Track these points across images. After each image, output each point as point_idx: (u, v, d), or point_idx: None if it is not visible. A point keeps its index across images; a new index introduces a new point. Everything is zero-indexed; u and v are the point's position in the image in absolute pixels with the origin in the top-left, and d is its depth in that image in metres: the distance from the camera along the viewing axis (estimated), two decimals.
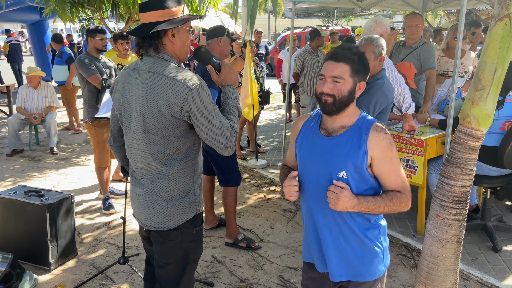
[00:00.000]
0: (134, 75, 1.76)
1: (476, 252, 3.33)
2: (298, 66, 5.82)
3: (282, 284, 2.95)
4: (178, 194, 1.80)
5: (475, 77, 1.92)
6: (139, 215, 1.87)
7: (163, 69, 1.69)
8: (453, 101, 3.03)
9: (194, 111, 1.67)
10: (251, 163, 5.52)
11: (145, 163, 1.78)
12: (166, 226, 1.81)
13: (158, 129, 1.69)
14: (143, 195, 1.82)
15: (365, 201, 1.56)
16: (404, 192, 1.62)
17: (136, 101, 1.72)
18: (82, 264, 3.21)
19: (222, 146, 1.75)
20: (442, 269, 2.02)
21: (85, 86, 3.91)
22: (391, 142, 1.61)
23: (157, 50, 1.73)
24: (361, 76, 1.63)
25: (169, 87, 1.65)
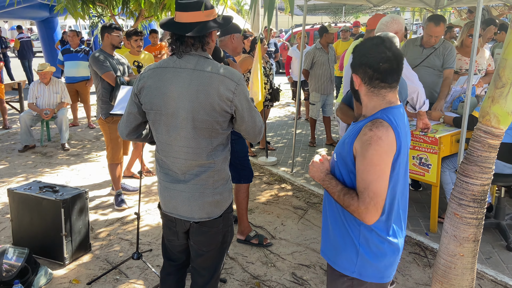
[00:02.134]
0: (175, 74, 1.78)
1: (490, 251, 3.31)
2: (308, 63, 5.82)
3: (295, 281, 2.96)
4: (222, 182, 1.91)
5: (495, 75, 1.91)
6: (185, 210, 1.89)
7: (210, 67, 1.77)
8: (468, 98, 3.01)
9: (242, 103, 1.80)
10: (261, 160, 5.53)
11: (189, 159, 1.83)
12: (214, 215, 1.91)
13: (208, 124, 1.78)
14: (187, 190, 1.87)
15: (327, 182, 1.62)
16: (360, 197, 1.48)
17: (183, 99, 1.75)
18: (96, 259, 3.24)
19: (257, 133, 1.91)
20: (459, 267, 2.01)
21: (98, 83, 3.92)
22: (372, 141, 1.48)
23: (204, 48, 1.81)
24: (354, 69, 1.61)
25: (220, 83, 1.75)
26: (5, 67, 11.62)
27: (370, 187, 1.47)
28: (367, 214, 1.47)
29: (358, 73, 1.60)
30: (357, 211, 1.49)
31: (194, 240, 1.96)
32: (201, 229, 1.92)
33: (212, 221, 1.91)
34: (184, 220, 1.92)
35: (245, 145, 3.38)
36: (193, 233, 1.95)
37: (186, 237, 2.00)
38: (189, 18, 1.76)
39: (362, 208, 1.47)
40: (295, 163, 5.45)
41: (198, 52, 1.80)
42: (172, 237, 2.04)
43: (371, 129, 1.49)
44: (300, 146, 6.24)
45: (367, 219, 1.48)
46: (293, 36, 14.83)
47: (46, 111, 6.04)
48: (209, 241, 1.95)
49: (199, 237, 1.94)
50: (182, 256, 2.11)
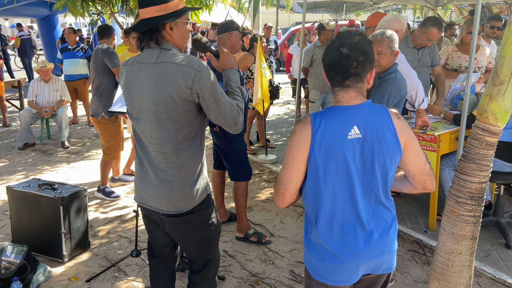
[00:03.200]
0: (138, 69, 1.83)
1: (489, 249, 3.31)
2: (307, 61, 5.80)
3: (293, 278, 2.96)
4: (191, 179, 1.89)
5: (493, 72, 1.90)
6: (153, 202, 1.92)
7: (169, 58, 1.78)
8: (467, 96, 3.00)
9: (203, 91, 1.77)
10: (260, 158, 5.53)
11: (157, 150, 1.85)
12: (182, 210, 1.90)
13: (170, 115, 1.78)
14: (156, 184, 1.88)
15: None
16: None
17: (146, 92, 1.79)
18: (95, 257, 3.25)
19: (230, 123, 1.86)
20: (457, 265, 2.01)
21: (103, 79, 3.91)
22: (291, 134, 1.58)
23: (158, 43, 1.82)
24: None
25: (177, 72, 1.74)
26: (5, 65, 11.61)
27: (279, 174, 1.60)
28: (275, 197, 1.61)
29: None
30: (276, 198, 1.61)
31: (174, 237, 2.02)
32: (176, 227, 1.94)
33: (185, 217, 1.91)
34: (154, 211, 1.95)
35: (244, 143, 3.38)
36: (170, 231, 1.99)
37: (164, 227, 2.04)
38: (143, 15, 1.82)
39: (274, 190, 1.62)
40: None
41: (157, 45, 1.81)
42: (151, 226, 2.08)
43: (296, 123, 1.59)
44: None
45: (276, 203, 1.62)
46: (293, 34, 14.81)
47: (46, 109, 6.04)
48: (187, 237, 1.98)
49: (177, 234, 1.99)
50: (165, 250, 2.14)
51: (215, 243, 2.08)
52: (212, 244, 2.06)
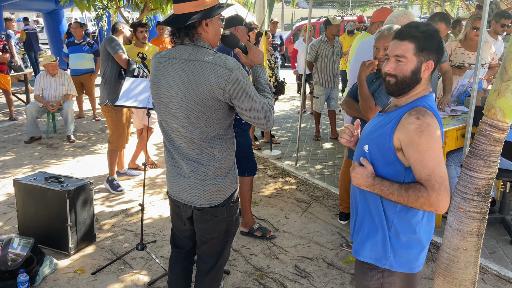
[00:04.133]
0: (169, 64, 1.82)
1: (494, 246, 3.30)
2: (312, 55, 5.80)
3: (297, 273, 2.97)
4: (224, 171, 1.91)
5: (501, 68, 1.89)
6: (186, 195, 1.93)
7: (203, 56, 1.76)
8: (474, 92, 2.98)
9: (236, 92, 1.75)
10: (265, 153, 5.53)
11: (189, 143, 1.85)
12: (215, 202, 1.92)
13: (201, 113, 1.77)
14: (189, 176, 1.89)
15: (379, 184, 1.52)
16: (426, 186, 1.43)
17: (176, 88, 1.78)
18: (100, 250, 3.27)
19: (263, 122, 1.85)
20: (462, 261, 2.00)
21: (107, 67, 4.00)
22: (423, 128, 1.44)
23: (193, 39, 1.80)
24: (429, 54, 1.52)
25: (211, 72, 1.73)
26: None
27: (435, 172, 1.43)
28: (440, 200, 1.42)
29: (433, 59, 1.54)
30: (428, 201, 1.42)
31: (198, 227, 2.01)
32: (203, 216, 1.95)
33: (214, 208, 1.93)
34: (186, 205, 1.95)
35: (249, 138, 3.38)
36: (196, 220, 1.99)
37: (191, 222, 2.04)
38: (178, 10, 1.80)
39: (433, 195, 1.41)
40: (300, 157, 5.44)
41: (191, 42, 1.80)
42: (179, 222, 2.09)
43: (418, 118, 1.46)
44: (304, 140, 6.23)
45: (441, 206, 1.42)
46: (298, 30, 14.74)
47: (52, 103, 6.07)
48: (211, 229, 1.98)
49: (202, 224, 1.97)
50: (189, 243, 2.15)
51: (231, 240, 2.09)
52: (229, 241, 2.07)
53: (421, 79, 1.55)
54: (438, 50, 1.53)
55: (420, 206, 1.45)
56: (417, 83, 1.56)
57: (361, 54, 3.29)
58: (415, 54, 1.52)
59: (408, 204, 1.47)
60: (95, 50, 7.11)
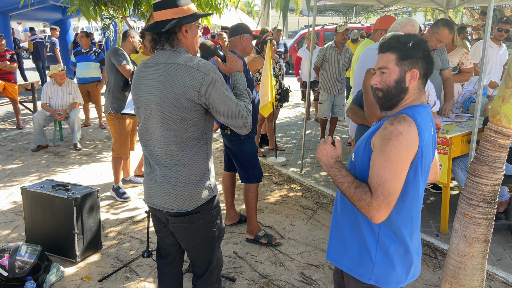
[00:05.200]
0: (148, 68, 1.90)
1: (501, 253, 3.27)
2: (319, 60, 5.88)
3: (303, 280, 2.96)
4: (195, 177, 1.90)
5: (505, 75, 1.89)
6: (158, 200, 1.95)
7: (179, 59, 1.82)
8: (479, 99, 2.98)
9: (211, 94, 1.79)
10: (270, 160, 5.54)
11: (163, 148, 1.89)
12: (186, 208, 1.91)
13: (176, 114, 1.81)
14: (161, 181, 1.92)
15: (336, 169, 1.52)
16: (373, 192, 1.42)
17: (153, 90, 1.85)
18: (107, 257, 3.28)
19: (239, 124, 1.88)
20: (469, 268, 2.00)
21: (111, 77, 4.07)
22: (392, 136, 1.41)
23: (172, 45, 1.87)
24: (412, 63, 1.50)
25: (186, 74, 1.78)
26: (18, 68, 11.82)
27: (385, 184, 1.41)
28: (378, 212, 1.40)
29: (417, 67, 1.52)
30: (367, 207, 1.41)
31: (178, 237, 2.04)
32: (181, 226, 1.96)
33: (189, 217, 1.93)
34: (159, 210, 1.97)
35: (254, 145, 3.39)
36: (175, 231, 2.01)
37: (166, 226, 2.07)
38: (159, 17, 1.88)
39: (374, 204, 1.40)
40: (305, 164, 5.44)
41: (168, 47, 1.86)
42: (159, 226, 2.11)
43: (392, 123, 1.43)
44: (309, 147, 6.23)
45: (377, 217, 1.41)
46: (302, 38, 14.81)
47: (59, 112, 6.13)
48: (191, 237, 1.99)
49: (180, 234, 2.00)
50: (172, 250, 2.15)
51: (217, 245, 2.09)
52: (215, 247, 2.07)
53: (407, 88, 1.53)
54: (423, 59, 1.51)
55: (359, 207, 1.45)
56: (404, 93, 1.53)
57: (365, 62, 3.31)
58: (397, 64, 1.51)
59: (351, 200, 1.48)
60: (101, 59, 7.19)
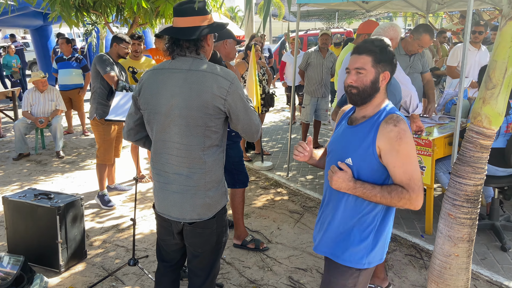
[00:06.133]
0: (169, 75, 1.86)
1: (485, 252, 3.33)
2: (302, 64, 5.93)
3: (291, 285, 2.96)
4: (214, 185, 1.91)
5: (485, 77, 1.94)
6: (176, 211, 1.92)
7: (204, 67, 1.83)
8: (460, 101, 3.04)
9: (236, 102, 1.83)
10: (256, 165, 5.54)
11: (181, 156, 1.86)
12: (205, 217, 1.92)
13: (201, 121, 1.81)
14: (179, 191, 1.89)
15: (362, 187, 1.62)
16: (408, 188, 1.58)
17: (177, 97, 1.81)
18: (92, 267, 3.23)
19: (254, 132, 1.94)
20: (454, 268, 2.02)
21: (97, 83, 4.04)
22: (401, 135, 1.58)
23: (198, 52, 1.87)
24: (385, 66, 1.67)
25: (213, 82, 1.79)
26: None
27: (414, 176, 1.59)
28: (418, 201, 1.58)
29: (389, 69, 1.69)
30: (409, 202, 1.58)
31: (189, 242, 2.00)
32: (195, 230, 1.94)
33: (205, 222, 1.93)
34: (176, 221, 1.94)
35: (240, 150, 3.39)
36: (187, 235, 1.98)
37: (181, 237, 2.03)
38: (184, 23, 1.86)
39: (414, 197, 1.57)
40: (291, 168, 5.46)
41: (193, 55, 1.86)
42: (167, 237, 2.06)
43: (395, 125, 1.59)
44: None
45: (420, 203, 1.59)
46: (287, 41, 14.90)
47: (40, 120, 6.02)
48: (203, 242, 1.98)
49: (193, 239, 1.97)
50: (176, 256, 2.13)
51: (222, 251, 2.10)
52: (219, 253, 2.08)
53: (379, 88, 1.70)
54: (392, 62, 1.69)
55: (401, 205, 1.60)
56: (376, 92, 1.69)
57: None
58: (373, 66, 1.67)
59: (389, 204, 1.62)
60: (83, 66, 7.10)
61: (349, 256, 1.71)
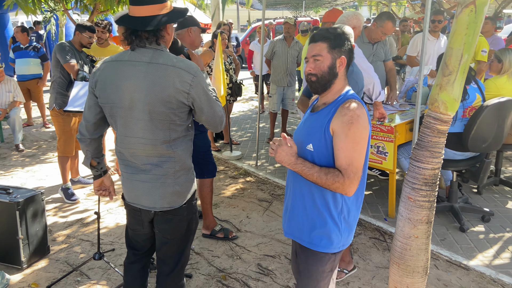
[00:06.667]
0: (130, 67, 1.78)
1: (444, 233, 3.48)
2: (268, 52, 5.89)
3: (260, 271, 2.99)
4: (184, 173, 1.91)
5: (442, 63, 2.00)
6: (147, 200, 1.90)
7: (166, 60, 1.78)
8: (420, 88, 3.14)
9: (199, 95, 1.81)
10: (225, 154, 5.52)
11: (148, 149, 1.83)
12: (176, 205, 1.92)
13: (165, 116, 1.78)
14: (149, 180, 1.87)
15: (302, 164, 1.65)
16: (344, 174, 1.60)
17: (139, 91, 1.76)
18: (55, 262, 3.14)
19: (217, 122, 1.93)
20: (414, 249, 2.10)
21: (56, 72, 3.89)
22: (353, 119, 1.59)
23: (158, 42, 1.81)
24: (340, 52, 1.70)
25: (175, 76, 1.75)
26: None
27: (354, 163, 1.61)
28: (351, 187, 1.61)
29: (344, 55, 1.71)
30: (341, 187, 1.60)
31: (159, 228, 1.99)
32: (165, 216, 1.94)
33: (176, 209, 1.93)
34: (147, 210, 1.93)
35: (207, 140, 3.36)
36: (157, 221, 1.97)
37: (151, 226, 2.03)
38: (142, 12, 1.78)
39: (347, 183, 1.59)
40: (260, 156, 5.48)
41: (153, 45, 1.80)
42: (137, 226, 2.05)
43: (349, 109, 1.60)
44: (264, 140, 6.28)
45: (351, 192, 1.62)
46: (254, 31, 14.83)
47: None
48: (173, 229, 1.98)
49: (163, 225, 1.97)
50: (147, 244, 2.13)
51: (191, 240, 2.10)
52: (189, 241, 2.08)
53: (338, 73, 1.73)
54: (347, 48, 1.73)
55: (333, 189, 1.63)
56: (335, 78, 1.72)
57: None
58: (329, 51, 1.70)
59: (323, 185, 1.63)
60: (41, 55, 6.80)
61: (323, 241, 1.73)
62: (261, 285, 2.84)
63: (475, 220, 3.66)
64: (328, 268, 1.78)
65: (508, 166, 4.98)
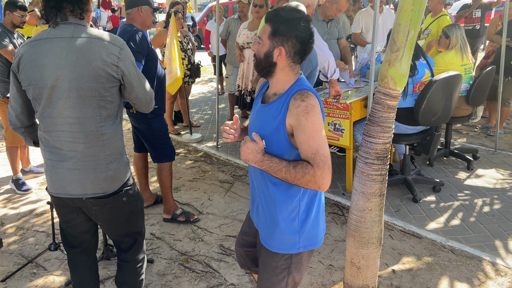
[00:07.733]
0: (50, 44, 1.70)
1: (399, 204, 3.63)
2: (223, 32, 5.78)
3: (223, 252, 3.01)
4: (116, 157, 1.86)
5: (390, 40, 2.04)
6: (76, 188, 1.80)
7: (89, 33, 1.73)
8: (373, 65, 3.20)
9: (128, 68, 1.78)
10: (185, 137, 5.45)
11: (75, 131, 1.74)
12: (109, 191, 1.85)
13: (95, 91, 1.72)
14: (77, 167, 1.78)
15: (269, 160, 1.51)
16: (313, 163, 1.46)
17: (63, 68, 1.68)
18: (9, 255, 3.01)
19: (148, 101, 1.91)
20: (368, 221, 2.17)
21: None
22: (308, 109, 1.49)
23: (82, 16, 1.75)
24: (282, 41, 1.54)
25: (101, 48, 1.71)
26: None
27: (320, 151, 1.47)
28: (324, 178, 1.45)
29: (285, 45, 1.54)
30: (313, 179, 1.45)
31: (101, 218, 1.93)
32: (104, 207, 1.88)
33: (113, 197, 1.87)
34: (77, 198, 1.83)
35: (164, 123, 3.29)
36: (96, 212, 1.89)
37: (86, 214, 1.96)
38: None
39: (318, 173, 1.44)
40: (220, 138, 5.45)
41: (76, 20, 1.75)
42: (70, 216, 1.94)
43: (303, 100, 1.50)
44: (224, 121, 6.24)
45: (325, 183, 1.46)
46: (211, 11, 14.54)
47: None
48: (116, 216, 1.94)
49: (104, 214, 1.91)
50: (85, 238, 2.04)
51: (141, 216, 2.09)
52: (139, 218, 2.07)
53: (276, 63, 1.57)
54: (296, 38, 1.53)
55: (305, 183, 1.47)
56: (273, 67, 1.58)
57: None
58: (269, 37, 1.55)
59: (294, 181, 1.49)
60: None
61: (278, 243, 1.68)
62: (223, 265, 2.86)
63: (427, 191, 3.84)
64: (282, 265, 1.71)
65: (457, 138, 5.24)
